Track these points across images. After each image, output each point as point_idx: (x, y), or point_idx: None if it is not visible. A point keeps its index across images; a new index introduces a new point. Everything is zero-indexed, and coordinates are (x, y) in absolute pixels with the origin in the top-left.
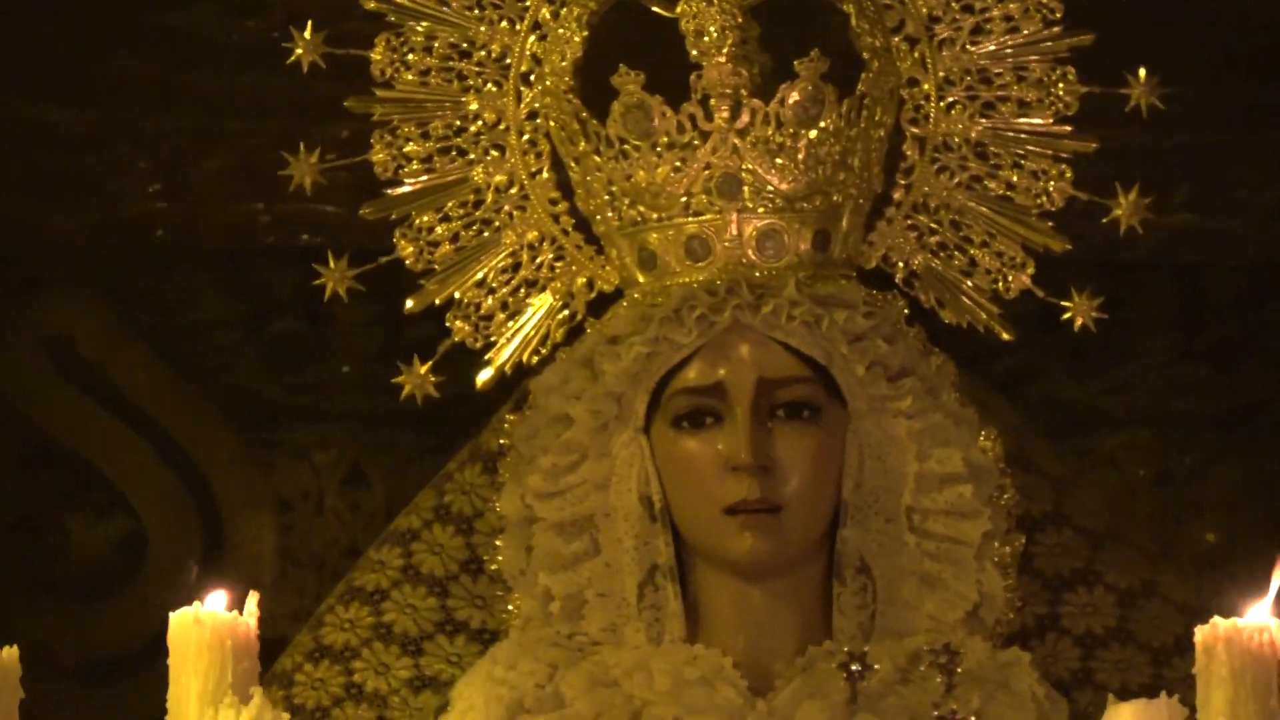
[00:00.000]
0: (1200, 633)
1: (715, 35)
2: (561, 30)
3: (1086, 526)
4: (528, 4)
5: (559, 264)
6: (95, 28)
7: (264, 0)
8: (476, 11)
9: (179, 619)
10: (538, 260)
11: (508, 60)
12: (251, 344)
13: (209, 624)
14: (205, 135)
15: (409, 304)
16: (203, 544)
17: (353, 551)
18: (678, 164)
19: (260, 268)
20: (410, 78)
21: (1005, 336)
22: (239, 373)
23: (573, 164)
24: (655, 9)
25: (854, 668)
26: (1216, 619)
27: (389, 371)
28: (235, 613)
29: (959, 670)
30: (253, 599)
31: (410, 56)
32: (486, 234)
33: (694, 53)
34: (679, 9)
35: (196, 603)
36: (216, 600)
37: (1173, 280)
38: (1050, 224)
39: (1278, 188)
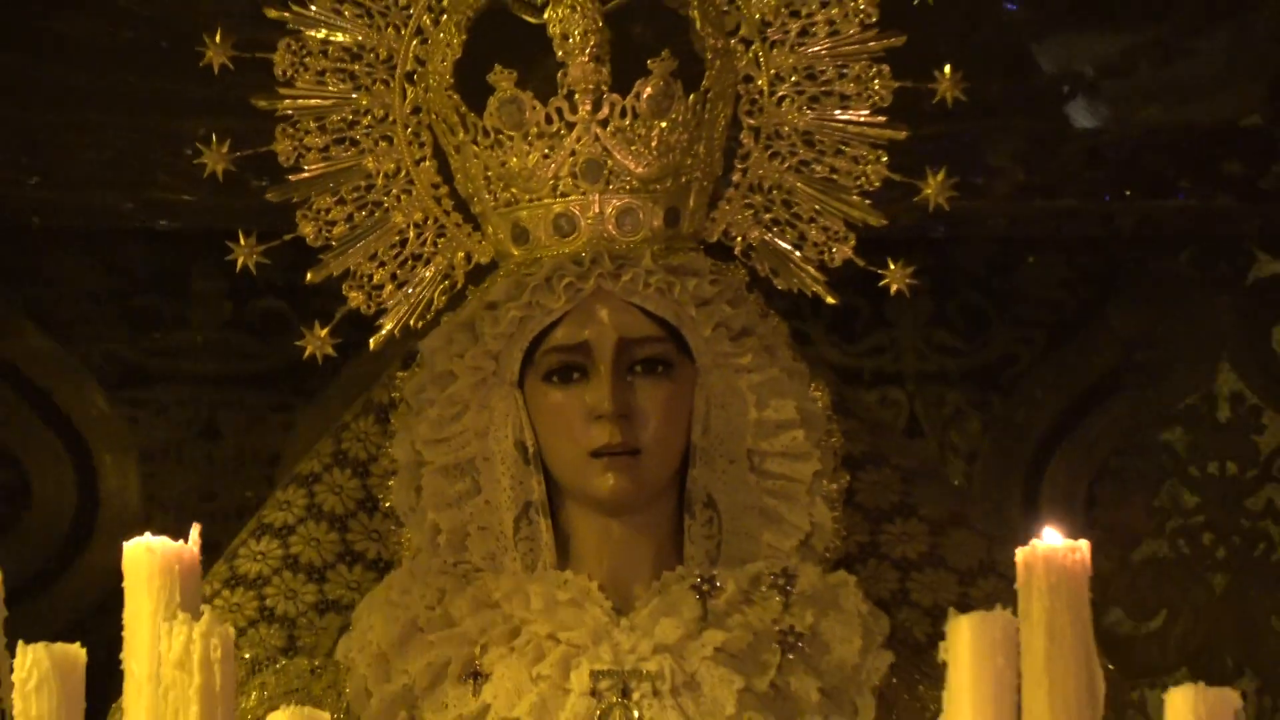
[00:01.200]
0: (1021, 553)
1: (579, 38)
2: (441, 35)
3: (901, 465)
4: (411, 12)
5: (441, 240)
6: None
7: (135, 11)
8: (366, 19)
9: (132, 549)
10: (423, 237)
11: (394, 62)
12: (118, 315)
13: (159, 551)
14: (92, 131)
15: (309, 275)
16: (77, 495)
17: (210, 498)
18: (546, 151)
19: (130, 251)
20: (309, 77)
21: (830, 300)
22: (108, 340)
23: (453, 152)
24: (525, 17)
25: (704, 589)
26: (1035, 541)
27: (238, 338)
28: (181, 541)
29: (795, 591)
30: (195, 530)
31: (308, 59)
32: (377, 215)
33: (560, 53)
34: (546, 15)
35: (147, 534)
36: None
37: (927, 253)
38: (869, 202)
39: (1019, 171)
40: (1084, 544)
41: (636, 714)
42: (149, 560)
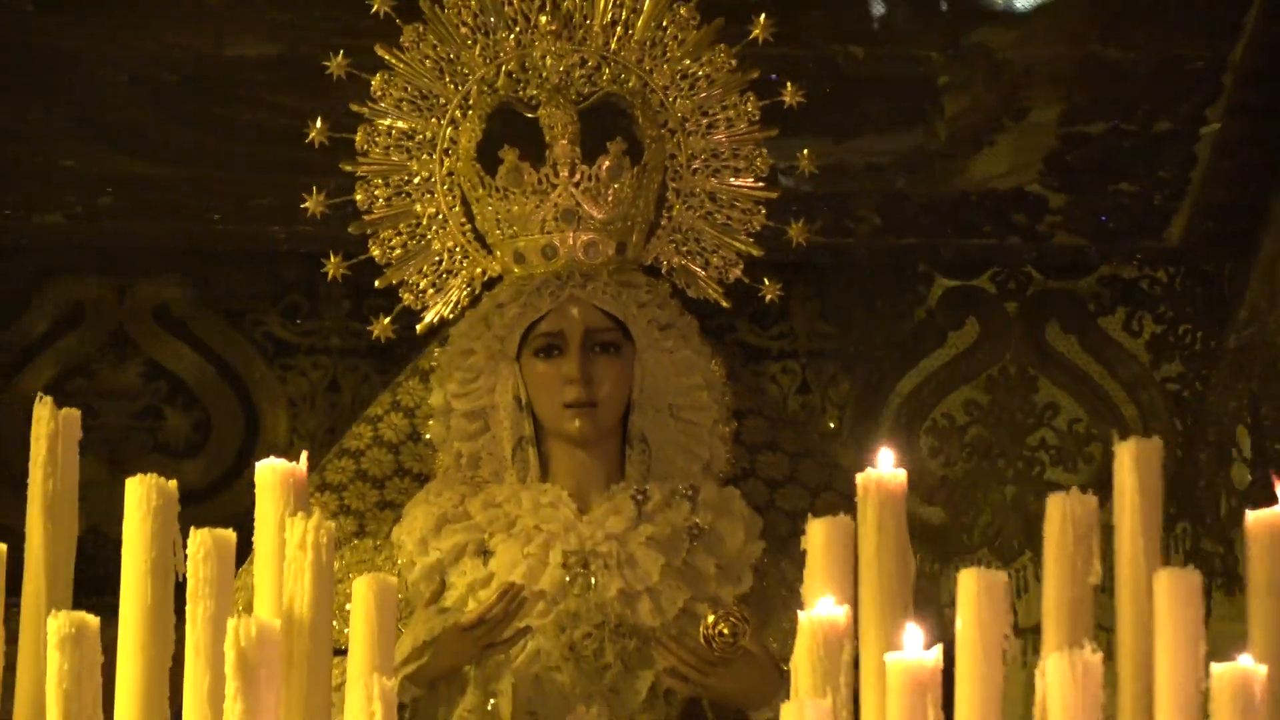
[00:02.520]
0: (860, 476)
1: (560, 128)
2: (468, 124)
3: (771, 415)
4: (447, 108)
5: (465, 260)
6: (197, 118)
7: (300, 109)
8: (416, 112)
9: (262, 467)
10: (453, 258)
11: (435, 141)
12: (275, 309)
13: (280, 469)
14: (254, 184)
15: (377, 283)
16: (244, 428)
17: (331, 431)
18: (538, 202)
19: (280, 265)
20: (378, 151)
21: (724, 304)
22: (267, 325)
23: (474, 201)
24: (525, 113)
25: (639, 497)
26: (870, 469)
27: (357, 324)
28: (295, 463)
29: (699, 500)
30: (304, 455)
31: (378, 139)
32: (423, 243)
33: (547, 137)
34: (539, 112)
35: (272, 456)
36: (284, 465)
37: (809, 273)
38: (753, 240)
39: (875, 218)
40: (903, 471)
41: (593, 580)
42: (272, 474)
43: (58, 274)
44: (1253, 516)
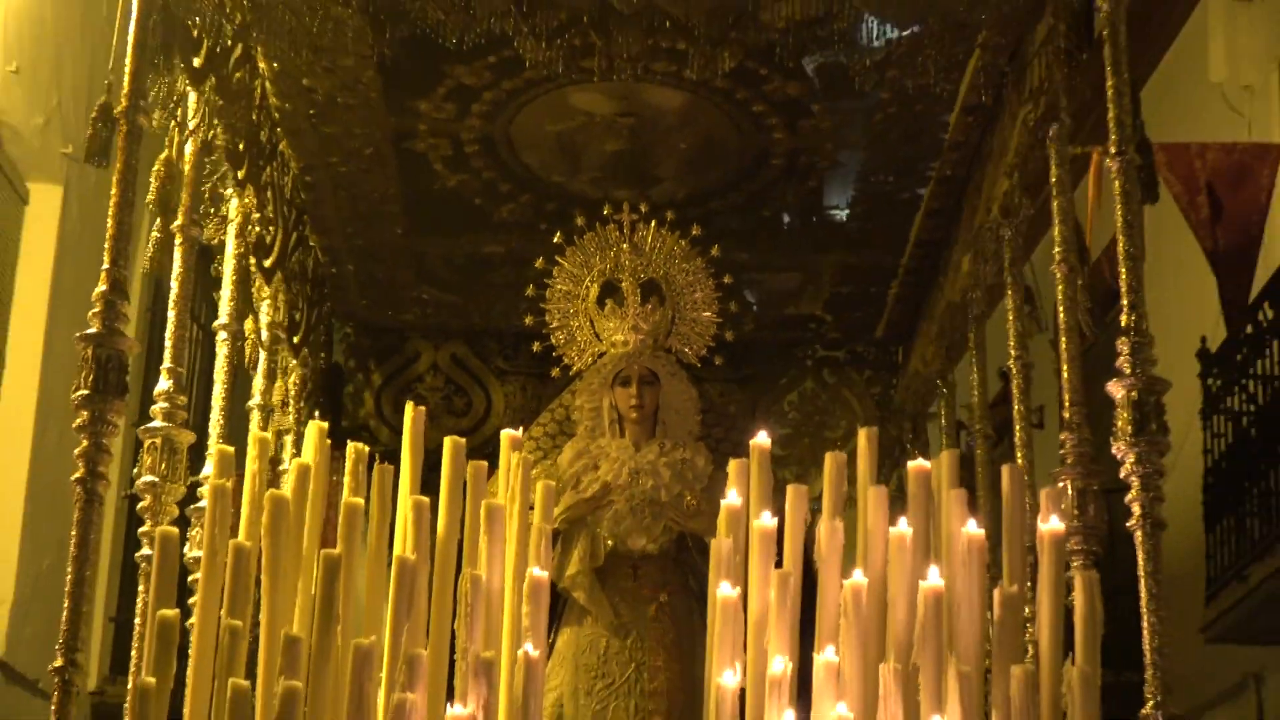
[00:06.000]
0: (751, 442)
1: (631, 291)
2: (592, 289)
3: (718, 412)
4: (584, 281)
5: (591, 345)
6: (486, 280)
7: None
8: (572, 283)
9: (505, 433)
10: (587, 345)
11: (580, 295)
12: (498, 355)
13: (512, 433)
14: (492, 305)
15: (554, 353)
16: (485, 405)
17: (522, 407)
18: (619, 322)
19: (501, 340)
20: (555, 301)
21: (698, 366)
22: (495, 362)
23: (595, 320)
24: (617, 284)
25: (663, 445)
26: (755, 438)
27: (533, 364)
28: (517, 430)
29: (687, 446)
30: (521, 429)
31: (556, 295)
32: (574, 338)
33: (625, 295)
34: (623, 285)
35: (507, 429)
36: (511, 432)
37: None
38: (712, 339)
39: (751, 324)
40: (769, 440)
41: (640, 480)
42: (508, 436)
43: (410, 340)
44: (910, 465)
